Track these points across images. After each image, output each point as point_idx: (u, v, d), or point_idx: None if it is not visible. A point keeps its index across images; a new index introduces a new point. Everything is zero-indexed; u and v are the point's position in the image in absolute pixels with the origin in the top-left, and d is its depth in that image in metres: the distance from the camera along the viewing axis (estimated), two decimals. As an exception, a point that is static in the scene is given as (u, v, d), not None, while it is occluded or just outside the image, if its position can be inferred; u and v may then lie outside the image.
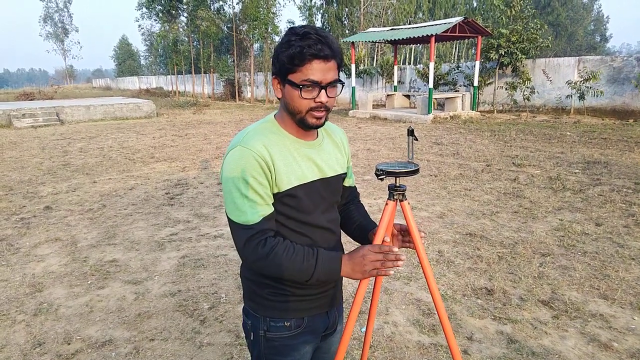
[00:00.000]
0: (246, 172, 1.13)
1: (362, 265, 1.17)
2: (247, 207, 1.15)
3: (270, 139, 1.19)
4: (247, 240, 1.15)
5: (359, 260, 1.18)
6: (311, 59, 1.11)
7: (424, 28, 14.59)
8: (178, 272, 3.67)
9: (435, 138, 10.24)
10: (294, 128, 1.23)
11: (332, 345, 1.46)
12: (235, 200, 1.16)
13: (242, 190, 1.14)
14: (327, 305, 1.36)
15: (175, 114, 18.26)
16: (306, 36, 1.11)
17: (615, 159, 7.35)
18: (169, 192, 6.15)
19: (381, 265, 1.17)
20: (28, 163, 8.38)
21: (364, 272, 1.18)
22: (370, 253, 1.17)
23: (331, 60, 1.14)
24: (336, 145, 1.36)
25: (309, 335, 1.33)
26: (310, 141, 1.26)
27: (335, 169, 1.32)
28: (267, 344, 1.29)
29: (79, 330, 2.83)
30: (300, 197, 1.21)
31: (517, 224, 4.57)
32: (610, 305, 2.98)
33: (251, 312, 1.31)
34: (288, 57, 1.12)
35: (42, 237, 4.49)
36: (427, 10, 34.10)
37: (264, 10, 23.58)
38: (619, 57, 13.22)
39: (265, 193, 1.16)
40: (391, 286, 3.33)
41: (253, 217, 1.15)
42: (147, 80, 45.39)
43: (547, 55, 20.53)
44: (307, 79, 1.13)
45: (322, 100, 1.16)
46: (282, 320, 1.28)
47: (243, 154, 1.14)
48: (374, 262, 1.17)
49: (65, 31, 59.79)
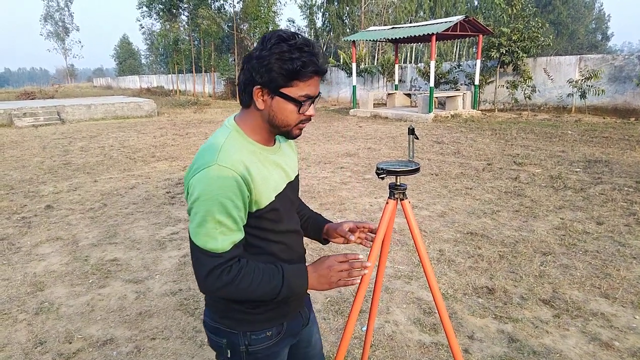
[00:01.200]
0: (223, 194, 1.04)
1: (328, 277, 1.15)
2: (217, 233, 1.06)
3: (243, 153, 1.12)
4: (212, 269, 1.07)
5: (325, 272, 1.15)
6: (312, 75, 1.08)
7: (425, 27, 14.58)
8: (179, 271, 3.67)
9: (436, 137, 10.23)
10: (261, 136, 1.18)
11: (312, 337, 1.45)
12: (206, 224, 1.06)
13: (215, 215, 1.05)
14: (300, 305, 1.35)
15: (176, 113, 18.26)
16: (301, 49, 1.06)
17: (617, 158, 7.33)
18: (170, 191, 6.15)
19: (348, 274, 1.15)
20: (29, 162, 8.39)
21: (331, 284, 1.16)
22: (336, 263, 1.15)
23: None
24: (290, 146, 1.36)
25: (289, 338, 1.32)
26: (272, 147, 1.23)
27: (295, 170, 1.32)
28: (250, 357, 1.25)
29: (80, 329, 2.84)
30: (279, 209, 1.18)
31: (518, 222, 4.57)
32: (612, 304, 2.98)
33: (225, 329, 1.23)
34: (288, 72, 1.05)
35: (43, 236, 4.50)
36: (428, 8, 34.06)
37: (264, 9, 23.58)
38: (621, 56, 13.18)
39: (239, 217, 1.09)
40: (392, 285, 3.32)
41: (223, 244, 1.07)
42: (147, 79, 45.38)
43: (548, 53, 20.50)
44: (306, 94, 1.10)
45: (312, 113, 1.14)
46: (263, 331, 1.24)
47: (221, 174, 1.05)
48: (340, 273, 1.14)
49: (66, 30, 59.82)
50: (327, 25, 34.59)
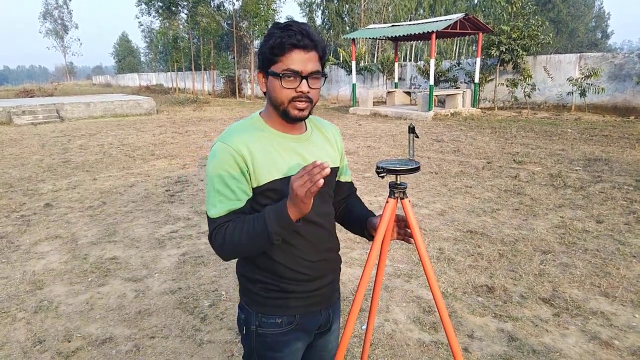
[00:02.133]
0: (221, 166, 1.17)
1: (295, 196, 1.08)
2: (216, 200, 1.18)
3: (252, 134, 1.21)
4: (211, 233, 1.20)
5: (292, 193, 1.09)
6: (291, 49, 1.14)
7: (424, 25, 14.55)
8: (178, 269, 3.67)
9: (435, 135, 10.22)
10: (279, 123, 1.25)
11: (329, 344, 1.47)
12: (209, 193, 1.21)
13: (215, 185, 1.18)
14: (320, 304, 1.35)
15: (176, 111, 18.24)
16: (287, 28, 1.14)
17: (617, 156, 7.33)
18: (169, 189, 6.14)
19: (310, 182, 1.06)
20: (28, 160, 8.38)
21: (302, 198, 1.07)
22: (296, 180, 1.08)
23: (312, 51, 1.16)
24: (327, 139, 1.36)
25: (301, 333, 1.33)
26: (297, 135, 1.27)
27: (326, 162, 1.30)
28: (259, 339, 1.30)
29: (79, 328, 2.83)
30: (282, 190, 1.19)
31: (517, 221, 4.57)
32: (611, 303, 2.98)
33: (245, 307, 1.33)
34: (269, 48, 1.15)
35: (42, 235, 4.49)
36: (427, 6, 34.00)
37: (264, 6, 23.51)
38: (620, 54, 13.17)
39: (238, 188, 1.18)
40: (392, 284, 3.32)
41: (220, 210, 1.18)
42: (147, 77, 45.31)
43: (548, 52, 20.45)
44: (288, 68, 1.15)
45: (302, 89, 1.17)
46: (273, 316, 1.29)
47: (220, 149, 1.18)
48: (304, 185, 1.06)
49: (65, 28, 59.70)
50: (326, 23, 34.52)
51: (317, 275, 1.30)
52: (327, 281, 1.35)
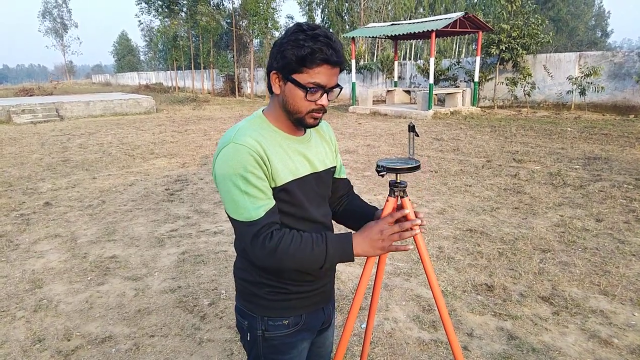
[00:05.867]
0: (243, 168, 1.11)
1: (380, 242, 1.17)
2: (248, 203, 1.12)
3: (263, 135, 1.18)
4: (254, 237, 1.12)
5: (377, 236, 1.17)
6: (321, 63, 1.11)
7: (424, 23, 14.54)
8: (178, 268, 3.67)
9: (435, 134, 10.22)
10: (285, 124, 1.23)
11: (327, 339, 1.48)
12: (235, 198, 1.13)
13: (241, 187, 1.12)
14: (323, 301, 1.37)
15: (175, 110, 18.22)
16: (316, 38, 1.10)
17: (616, 155, 7.33)
18: (169, 188, 6.14)
19: (399, 237, 1.16)
20: (27, 159, 8.37)
21: (383, 248, 1.17)
22: (387, 227, 1.16)
23: (338, 67, 1.16)
24: (324, 139, 1.37)
25: (307, 332, 1.33)
26: (299, 137, 1.27)
27: (326, 163, 1.32)
28: (266, 344, 1.28)
29: (78, 327, 2.83)
30: (294, 192, 1.20)
31: (517, 220, 4.57)
32: (611, 301, 2.98)
33: (247, 312, 1.30)
34: (297, 57, 1.10)
35: (42, 233, 4.49)
36: (427, 5, 33.97)
37: (263, 5, 23.49)
38: (620, 53, 13.17)
39: (265, 187, 1.14)
40: (391, 282, 3.32)
41: (256, 212, 1.12)
42: (146, 76, 45.28)
43: (547, 50, 20.42)
44: (314, 81, 1.12)
45: (323, 103, 1.17)
46: (280, 319, 1.27)
47: (237, 150, 1.12)
48: (392, 236, 1.16)
49: (65, 27, 59.55)
50: (326, 21, 34.45)
51: (320, 273, 1.31)
52: (328, 278, 1.36)
